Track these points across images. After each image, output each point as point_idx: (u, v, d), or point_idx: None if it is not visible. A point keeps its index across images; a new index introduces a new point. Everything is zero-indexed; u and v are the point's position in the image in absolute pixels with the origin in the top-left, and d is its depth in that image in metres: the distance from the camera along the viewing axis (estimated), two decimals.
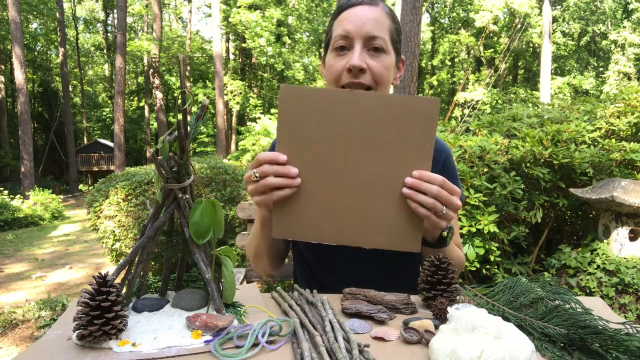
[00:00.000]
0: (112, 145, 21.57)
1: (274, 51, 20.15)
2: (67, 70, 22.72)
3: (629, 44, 21.77)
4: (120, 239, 4.23)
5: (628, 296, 2.33)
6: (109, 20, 32.81)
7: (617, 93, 3.67)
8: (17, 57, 14.32)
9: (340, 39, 1.01)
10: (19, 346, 3.17)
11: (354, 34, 0.99)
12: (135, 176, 4.55)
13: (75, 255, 6.96)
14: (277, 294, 0.90)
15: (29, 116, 14.91)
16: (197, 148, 22.57)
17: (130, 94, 31.93)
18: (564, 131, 2.75)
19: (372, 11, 1.01)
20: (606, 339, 0.64)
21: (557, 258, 2.67)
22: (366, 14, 1.00)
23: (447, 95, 28.42)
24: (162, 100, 22.19)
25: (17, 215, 10.58)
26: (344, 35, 1.00)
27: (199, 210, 0.76)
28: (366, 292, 0.86)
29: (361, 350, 0.62)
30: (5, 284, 5.16)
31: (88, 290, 0.67)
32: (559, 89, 23.15)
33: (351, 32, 0.99)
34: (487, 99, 21.64)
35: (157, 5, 20.71)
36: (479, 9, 21.82)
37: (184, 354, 0.64)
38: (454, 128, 4.00)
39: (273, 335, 0.68)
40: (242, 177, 4.76)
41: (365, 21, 0.99)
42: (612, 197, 2.40)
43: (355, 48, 0.99)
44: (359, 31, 0.99)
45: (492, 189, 2.54)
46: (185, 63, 1.44)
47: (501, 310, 0.79)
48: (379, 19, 1.01)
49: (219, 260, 0.79)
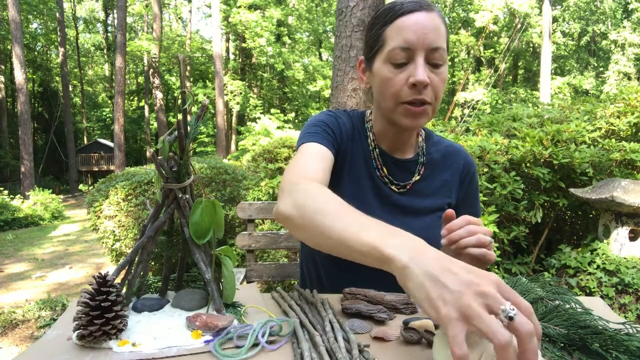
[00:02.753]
0: (112, 145, 21.57)
1: (274, 51, 20.15)
2: (67, 70, 22.71)
3: (629, 44, 21.77)
4: (120, 239, 4.23)
5: (628, 296, 2.33)
6: (109, 20, 32.83)
7: (617, 93, 3.68)
8: (17, 57, 14.32)
9: (400, 50, 0.91)
10: (19, 346, 3.17)
11: (416, 45, 0.90)
12: (135, 176, 4.56)
13: (75, 255, 6.96)
14: (277, 294, 0.90)
15: (29, 116, 14.92)
16: (197, 148, 22.59)
17: (130, 94, 31.94)
18: (564, 131, 2.75)
19: (431, 18, 0.92)
20: (606, 339, 0.64)
21: (557, 258, 2.67)
22: (427, 22, 0.91)
23: (447, 95, 28.40)
24: (162, 100, 22.19)
25: (17, 215, 10.58)
26: (405, 48, 0.91)
27: (199, 210, 0.76)
28: (366, 292, 0.86)
29: (361, 350, 0.62)
30: (5, 284, 5.16)
31: (88, 290, 0.67)
32: (559, 89, 23.16)
33: (413, 44, 0.90)
34: (487, 99, 21.65)
35: (157, 5, 20.70)
36: (479, 9, 21.82)
37: (184, 354, 0.64)
38: (454, 128, 4.01)
39: (273, 335, 0.68)
40: (242, 177, 4.76)
41: (427, 31, 0.90)
42: (612, 197, 2.40)
43: (417, 62, 0.91)
44: (422, 43, 0.90)
45: (492, 189, 2.55)
46: (185, 63, 1.44)
47: None
48: (439, 27, 0.92)
49: (219, 260, 0.79)
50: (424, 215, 1.06)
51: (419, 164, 1.09)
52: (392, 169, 1.07)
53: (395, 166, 1.07)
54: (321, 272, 1.13)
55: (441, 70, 0.94)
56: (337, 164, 1.04)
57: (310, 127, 1.04)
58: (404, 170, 1.08)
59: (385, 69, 0.95)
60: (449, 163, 1.12)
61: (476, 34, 25.90)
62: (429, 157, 1.10)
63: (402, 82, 0.92)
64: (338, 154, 1.04)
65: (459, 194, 1.11)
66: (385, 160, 1.07)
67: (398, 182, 1.07)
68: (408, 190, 1.07)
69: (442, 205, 1.08)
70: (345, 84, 3.07)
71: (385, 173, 1.06)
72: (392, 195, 1.07)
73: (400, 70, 0.93)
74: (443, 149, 1.13)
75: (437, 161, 1.11)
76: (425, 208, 1.07)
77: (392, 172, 1.07)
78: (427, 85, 0.91)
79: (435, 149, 1.13)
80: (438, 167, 1.11)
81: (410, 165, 1.08)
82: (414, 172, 1.08)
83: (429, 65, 0.92)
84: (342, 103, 3.08)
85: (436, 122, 4.88)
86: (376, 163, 1.06)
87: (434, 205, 1.08)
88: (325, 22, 25.25)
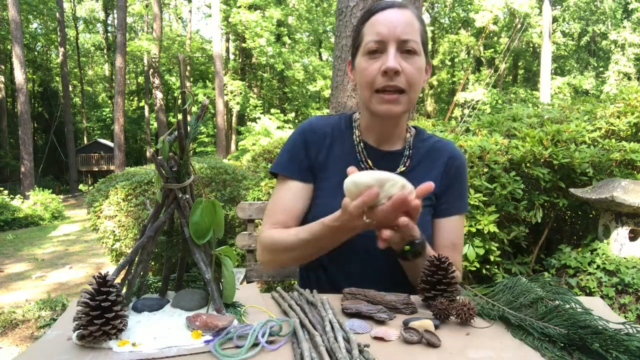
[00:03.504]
0: (112, 145, 21.58)
1: (274, 51, 20.14)
2: (67, 70, 22.73)
3: (629, 44, 21.77)
4: (120, 239, 4.23)
5: (628, 296, 2.33)
6: (109, 20, 32.84)
7: (617, 93, 3.68)
8: (17, 57, 14.33)
9: (374, 43, 1.00)
10: (19, 346, 3.17)
11: (387, 37, 0.99)
12: (135, 176, 4.56)
13: (75, 255, 6.96)
14: (277, 294, 0.90)
15: (29, 116, 14.92)
16: (197, 148, 22.58)
17: (130, 94, 31.93)
18: (564, 131, 2.75)
19: (403, 14, 1.01)
20: (606, 339, 0.64)
21: (557, 258, 2.67)
22: (398, 17, 1.00)
23: (447, 95, 28.42)
24: (162, 100, 22.20)
25: (17, 215, 10.59)
26: (378, 40, 1.00)
27: (199, 210, 0.76)
28: (366, 292, 0.86)
29: (361, 350, 0.62)
30: (5, 284, 5.16)
31: (88, 290, 0.67)
32: (559, 89, 23.16)
33: (385, 36, 0.99)
34: (487, 99, 21.65)
35: (157, 5, 20.71)
36: (479, 9, 21.81)
37: (184, 354, 0.64)
38: (454, 128, 4.00)
39: (273, 335, 0.68)
40: (242, 177, 4.76)
41: (397, 24, 0.99)
42: (612, 197, 2.39)
43: (389, 51, 0.99)
44: (392, 34, 0.99)
45: (492, 189, 2.54)
46: (185, 63, 1.44)
47: (501, 310, 0.79)
48: (411, 22, 1.01)
49: (219, 260, 0.79)
50: None
51: (405, 156, 1.12)
52: (377, 161, 1.11)
53: (381, 157, 1.12)
54: (321, 272, 1.13)
55: (415, 59, 1.01)
56: (316, 169, 1.13)
57: (283, 153, 1.16)
58: (389, 161, 1.12)
59: (362, 61, 1.04)
60: (434, 157, 1.15)
61: (476, 34, 25.90)
62: (415, 151, 1.14)
63: (376, 71, 1.00)
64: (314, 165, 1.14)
65: (441, 186, 1.13)
66: (369, 153, 1.12)
67: None
68: None
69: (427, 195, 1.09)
70: (345, 84, 3.07)
71: (369, 165, 1.11)
72: None
73: (375, 61, 1.01)
74: (430, 145, 1.17)
75: (423, 155, 1.14)
76: None
77: (377, 164, 1.11)
78: (398, 72, 0.98)
79: (423, 145, 1.16)
80: (424, 161, 1.14)
81: (396, 157, 1.12)
82: (399, 163, 1.12)
83: (403, 54, 1.00)
84: (342, 103, 3.08)
85: (436, 122, 4.87)
86: (361, 157, 1.12)
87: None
88: (325, 22, 25.25)
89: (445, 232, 1.12)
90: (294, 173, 1.13)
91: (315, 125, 1.16)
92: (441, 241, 1.12)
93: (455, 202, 1.13)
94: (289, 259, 1.06)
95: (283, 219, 1.11)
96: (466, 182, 1.18)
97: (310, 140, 1.14)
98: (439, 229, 1.13)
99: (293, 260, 1.07)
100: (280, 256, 1.06)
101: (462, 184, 1.16)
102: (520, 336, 0.71)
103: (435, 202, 1.13)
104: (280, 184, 1.16)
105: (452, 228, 1.13)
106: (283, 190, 1.14)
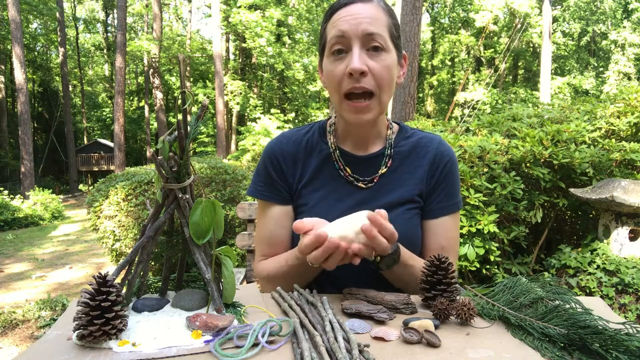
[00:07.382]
0: (112, 145, 21.58)
1: (274, 51, 20.15)
2: (67, 70, 22.73)
3: (629, 44, 21.76)
4: (120, 239, 4.23)
5: (628, 296, 2.33)
6: (109, 20, 32.83)
7: (617, 93, 3.68)
8: (17, 57, 14.33)
9: (336, 41, 0.94)
10: (19, 346, 3.17)
11: (350, 33, 0.92)
12: (135, 176, 4.56)
13: (75, 255, 6.96)
14: (277, 294, 0.90)
15: (29, 116, 14.92)
16: (197, 148, 22.58)
17: (130, 94, 31.94)
18: (564, 131, 2.75)
19: (366, 7, 0.94)
20: (606, 339, 0.64)
21: (557, 258, 2.67)
22: (361, 11, 0.93)
23: (447, 95, 28.44)
24: (162, 100, 22.20)
25: (17, 215, 10.59)
26: (340, 36, 0.93)
27: (199, 210, 0.76)
28: (366, 292, 0.86)
29: (361, 350, 0.62)
30: (5, 284, 5.16)
31: (88, 290, 0.67)
32: (559, 89, 23.17)
33: (347, 32, 0.92)
34: (487, 99, 21.66)
35: (157, 5, 20.70)
36: (479, 9, 21.82)
37: (184, 354, 0.64)
38: (454, 128, 4.00)
39: (273, 335, 0.68)
40: (242, 177, 4.76)
41: (360, 19, 0.92)
42: (612, 197, 2.40)
43: (353, 50, 0.92)
44: (355, 30, 0.92)
45: (492, 189, 2.55)
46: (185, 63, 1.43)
47: (501, 310, 0.79)
48: (375, 15, 0.94)
49: (219, 260, 0.79)
50: (394, 208, 1.04)
51: (386, 156, 1.08)
52: (355, 167, 1.07)
53: (359, 163, 1.08)
54: (320, 272, 1.13)
55: (383, 57, 0.95)
56: (295, 187, 1.11)
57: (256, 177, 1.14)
58: (369, 165, 1.08)
59: (327, 63, 0.98)
60: (419, 153, 1.10)
61: (476, 34, 25.91)
62: (397, 150, 1.09)
63: (342, 73, 0.94)
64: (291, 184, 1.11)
65: (429, 183, 1.08)
66: (347, 160, 1.08)
67: (364, 178, 1.07)
68: (375, 184, 1.07)
69: (412, 196, 1.07)
70: None
71: (349, 172, 1.07)
72: (359, 192, 1.06)
73: (340, 62, 0.95)
74: (415, 141, 1.11)
75: (406, 153, 1.09)
76: (394, 201, 1.05)
77: (356, 170, 1.07)
78: (364, 72, 0.92)
79: (406, 142, 1.11)
80: (408, 159, 1.09)
81: (376, 159, 1.08)
82: (381, 165, 1.08)
83: (369, 52, 0.93)
84: None
85: (436, 122, 4.87)
86: (338, 164, 1.08)
87: (402, 197, 1.06)
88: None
89: (433, 235, 1.08)
90: (271, 199, 1.10)
91: (285, 145, 1.12)
92: (430, 245, 1.08)
93: (443, 203, 1.08)
94: (291, 283, 0.98)
95: (271, 252, 1.11)
96: (457, 179, 1.12)
97: (281, 162, 1.10)
98: (427, 231, 1.09)
99: (295, 282, 0.99)
100: (281, 283, 1.00)
101: (452, 182, 1.10)
102: (520, 336, 0.71)
103: (423, 204, 1.09)
104: (261, 209, 1.14)
105: (442, 230, 1.08)
106: (266, 218, 1.12)
